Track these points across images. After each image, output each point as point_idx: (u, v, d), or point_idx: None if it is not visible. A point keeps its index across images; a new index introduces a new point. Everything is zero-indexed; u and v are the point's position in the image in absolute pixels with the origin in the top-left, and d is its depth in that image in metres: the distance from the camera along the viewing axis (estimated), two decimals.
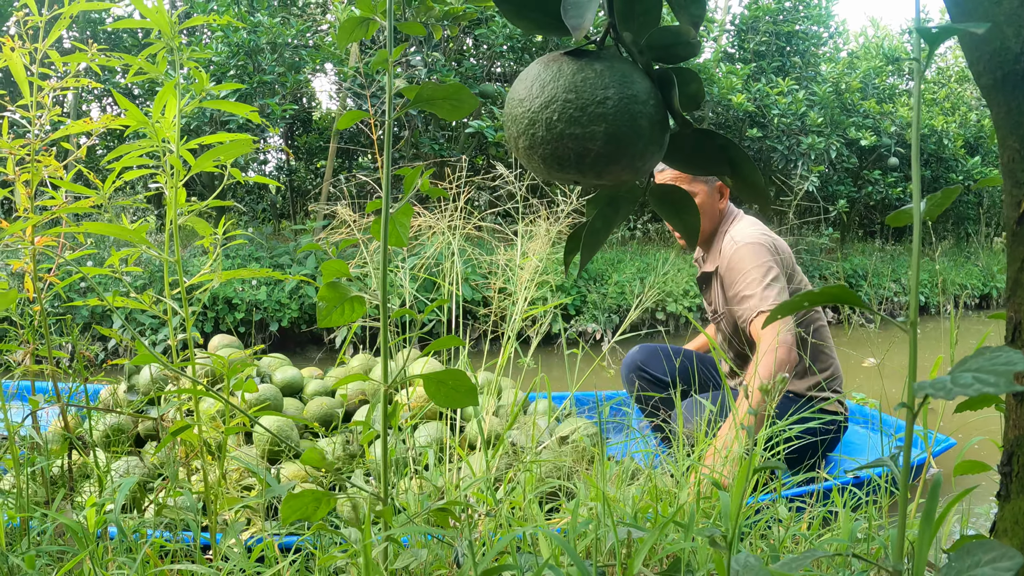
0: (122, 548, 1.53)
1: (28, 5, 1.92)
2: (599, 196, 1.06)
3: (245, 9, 8.16)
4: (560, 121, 0.88)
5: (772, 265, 2.94)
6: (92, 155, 9.10)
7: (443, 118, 1.18)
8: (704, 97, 0.98)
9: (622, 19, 0.92)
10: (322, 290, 1.21)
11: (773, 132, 10.79)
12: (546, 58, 0.91)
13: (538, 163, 0.93)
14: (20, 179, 1.92)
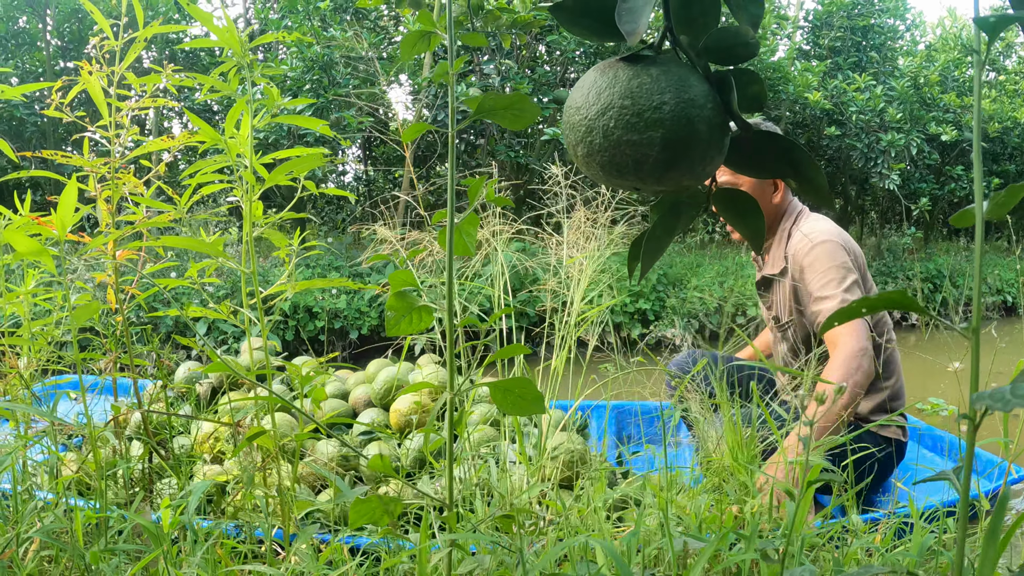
0: (196, 548, 1.57)
1: (105, 30, 1.99)
2: (661, 202, 1.06)
3: (318, 24, 8.30)
4: (617, 128, 0.87)
5: (851, 267, 2.70)
6: (173, 171, 9.34)
7: (506, 127, 1.19)
8: (766, 98, 0.96)
9: (679, 22, 0.91)
10: (390, 300, 1.23)
11: (851, 130, 10.56)
12: (602, 65, 0.92)
13: (597, 170, 0.93)
14: (102, 195, 1.99)
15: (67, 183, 1.76)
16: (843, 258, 2.71)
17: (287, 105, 1.81)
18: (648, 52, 0.91)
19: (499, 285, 2.43)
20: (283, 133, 7.78)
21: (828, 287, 2.68)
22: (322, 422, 1.50)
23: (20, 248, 1.71)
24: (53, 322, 2.26)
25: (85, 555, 1.51)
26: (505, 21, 7.31)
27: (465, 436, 2.19)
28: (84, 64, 1.99)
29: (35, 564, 1.60)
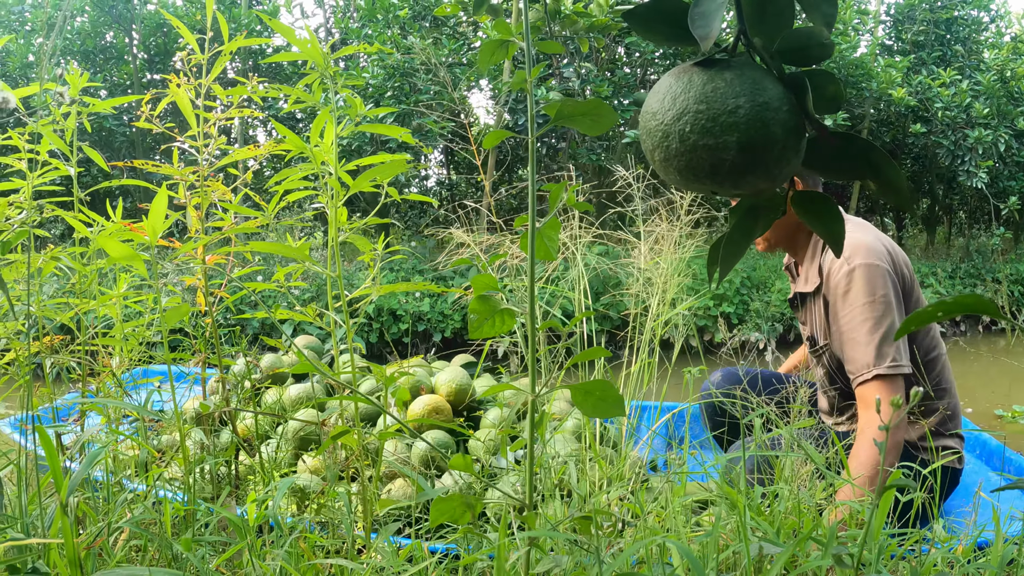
0: (279, 542, 1.62)
1: (192, 45, 2.06)
2: (739, 206, 1.06)
3: (397, 32, 8.40)
4: (693, 133, 0.88)
5: (891, 301, 2.37)
6: (259, 178, 9.53)
7: (584, 133, 1.20)
8: (844, 99, 0.96)
9: (752, 24, 0.91)
10: (473, 303, 1.25)
11: (937, 127, 10.24)
12: (677, 70, 0.92)
13: (674, 175, 0.94)
14: (191, 203, 2.06)
15: (156, 191, 1.83)
16: (882, 288, 2.38)
17: (370, 114, 1.86)
18: (722, 56, 0.92)
19: (580, 289, 2.44)
20: (366, 140, 7.90)
21: (860, 330, 2.38)
22: (408, 422, 1.53)
23: (113, 253, 1.78)
24: (144, 323, 2.35)
25: (173, 545, 1.57)
26: (582, 25, 7.32)
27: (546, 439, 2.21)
28: (172, 77, 2.06)
29: (124, 553, 1.66)
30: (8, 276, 2.18)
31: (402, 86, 7.92)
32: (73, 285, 2.36)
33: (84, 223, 2.18)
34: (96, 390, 2.34)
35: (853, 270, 2.39)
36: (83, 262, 2.32)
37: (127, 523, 1.61)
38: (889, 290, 2.38)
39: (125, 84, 10.54)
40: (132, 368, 2.41)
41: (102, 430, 2.13)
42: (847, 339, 2.41)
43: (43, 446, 1.44)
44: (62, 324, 2.37)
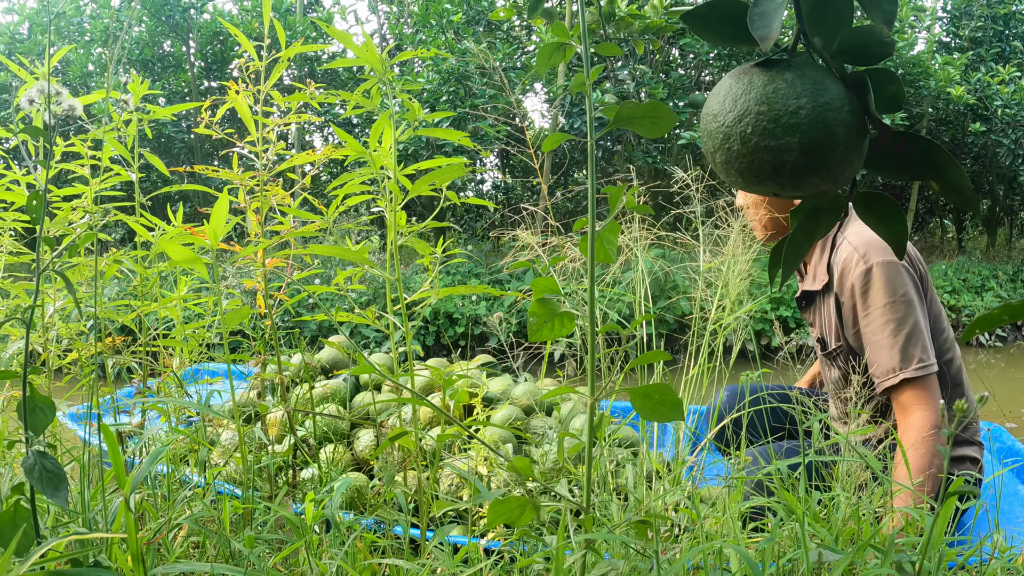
0: (336, 541, 1.63)
1: (250, 52, 2.08)
2: (800, 207, 1.04)
3: (452, 37, 8.44)
4: (754, 134, 0.87)
5: (912, 299, 2.27)
6: (317, 183, 9.63)
7: (643, 135, 1.20)
8: (904, 97, 0.94)
9: (811, 24, 0.90)
10: (533, 306, 1.25)
11: (997, 125, 9.99)
12: (737, 71, 0.92)
13: (736, 177, 0.94)
14: (251, 207, 2.09)
15: (215, 195, 1.86)
16: (902, 287, 2.27)
17: (427, 118, 1.87)
18: (782, 56, 0.91)
19: (640, 291, 2.43)
20: (422, 144, 7.95)
21: (883, 332, 2.28)
22: (465, 424, 1.53)
23: (175, 256, 1.81)
24: (205, 325, 2.38)
25: (231, 542, 1.59)
26: (637, 27, 7.30)
27: (604, 442, 2.20)
28: (231, 84, 2.09)
29: (183, 550, 1.69)
30: (72, 278, 2.23)
31: (457, 90, 7.95)
32: (135, 288, 2.41)
33: (146, 227, 2.22)
34: (156, 389, 2.38)
35: (870, 269, 2.29)
36: (144, 265, 2.36)
37: (186, 520, 1.64)
38: (909, 287, 2.28)
39: (183, 91, 10.72)
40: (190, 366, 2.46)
41: (162, 429, 2.17)
42: (869, 342, 2.32)
43: (107, 443, 1.47)
44: (123, 325, 2.42)
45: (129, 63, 10.44)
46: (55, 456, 1.53)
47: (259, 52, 2.16)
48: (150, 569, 1.34)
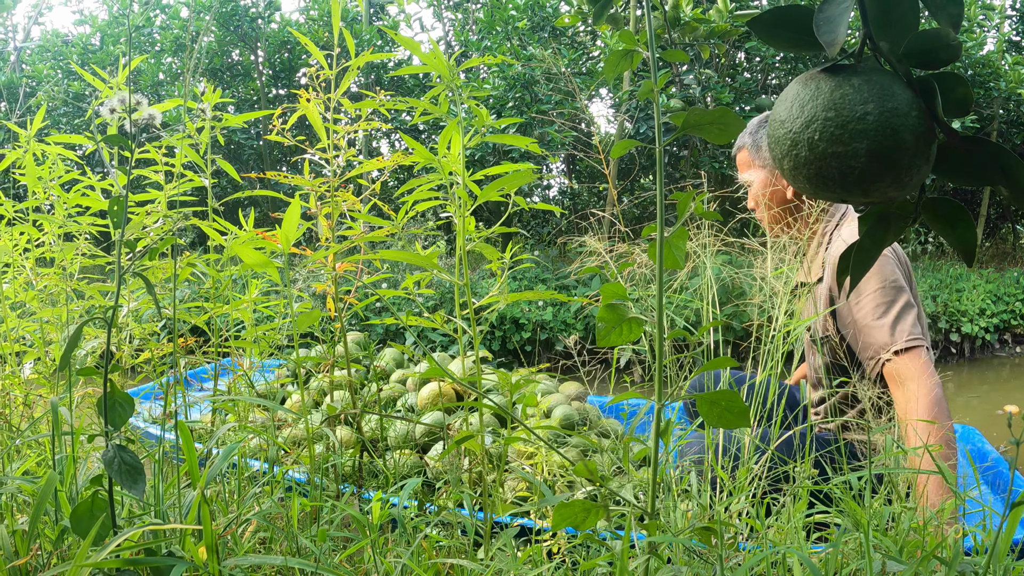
0: (402, 540, 1.66)
1: (320, 61, 2.13)
2: (868, 214, 1.04)
3: (517, 43, 8.47)
4: (822, 140, 0.88)
5: (901, 285, 2.35)
6: (384, 188, 9.73)
7: (711, 141, 1.20)
8: (972, 101, 0.94)
9: (878, 28, 0.90)
10: (601, 311, 1.26)
11: None
12: (804, 76, 0.92)
13: (804, 183, 0.94)
14: (322, 212, 2.13)
15: (286, 200, 1.90)
16: (892, 275, 2.35)
17: (495, 124, 1.89)
18: (849, 61, 0.91)
19: (708, 298, 2.42)
20: (488, 149, 7.99)
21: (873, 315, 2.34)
22: (535, 427, 1.55)
23: (248, 260, 1.85)
24: (276, 327, 2.43)
25: (298, 538, 1.62)
26: (702, 31, 7.27)
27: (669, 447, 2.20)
28: (302, 92, 2.14)
29: (251, 544, 1.73)
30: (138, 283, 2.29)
31: (523, 96, 7.98)
32: (207, 290, 2.47)
33: (218, 231, 2.27)
34: (227, 389, 2.44)
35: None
36: (217, 268, 2.42)
37: (255, 516, 1.68)
38: (899, 276, 2.36)
39: (252, 99, 10.91)
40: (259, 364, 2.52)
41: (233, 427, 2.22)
42: (862, 329, 2.36)
43: (182, 439, 1.51)
44: (195, 326, 2.48)
45: (198, 72, 10.66)
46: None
47: (328, 61, 2.20)
48: (220, 562, 1.37)
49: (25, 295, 2.72)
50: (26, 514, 1.78)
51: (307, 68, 2.22)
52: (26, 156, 2.57)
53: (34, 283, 2.69)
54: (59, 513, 1.62)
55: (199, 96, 2.29)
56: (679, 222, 1.26)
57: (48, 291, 2.76)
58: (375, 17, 11.50)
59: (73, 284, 2.58)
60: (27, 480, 1.73)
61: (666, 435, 1.35)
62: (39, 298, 2.73)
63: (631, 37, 1.18)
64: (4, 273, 2.65)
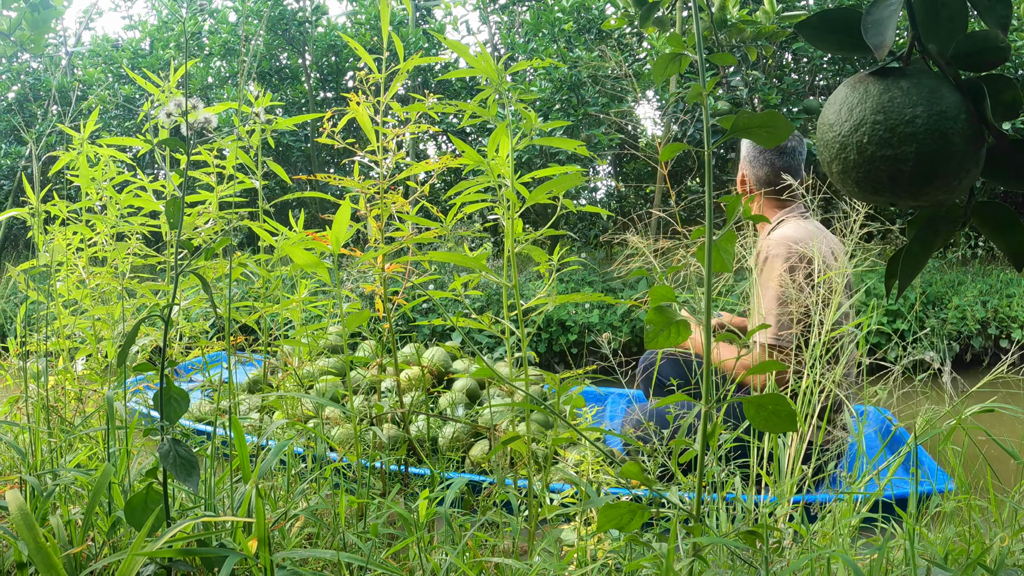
0: (447, 539, 1.67)
1: (369, 65, 2.15)
2: (917, 218, 1.04)
3: (564, 46, 8.46)
4: (871, 144, 0.87)
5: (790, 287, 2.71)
6: (432, 190, 9.77)
7: (760, 145, 1.20)
8: (1022, 104, 0.93)
9: (926, 30, 0.90)
10: (649, 314, 1.26)
11: None
12: (852, 79, 0.92)
13: (852, 187, 0.94)
14: (371, 214, 2.15)
15: (334, 202, 1.92)
16: (791, 277, 2.74)
17: (543, 127, 1.90)
18: (897, 64, 0.91)
19: (754, 302, 2.41)
20: (535, 152, 7.99)
21: (768, 306, 2.79)
22: (581, 428, 1.56)
23: (298, 260, 1.88)
24: (325, 327, 2.46)
25: (345, 535, 1.65)
26: (749, 33, 7.21)
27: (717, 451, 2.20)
28: (351, 95, 2.16)
29: (298, 540, 1.76)
30: (194, 280, 2.33)
31: (570, 99, 7.97)
32: (256, 290, 2.50)
33: (269, 232, 2.31)
34: (276, 387, 2.47)
35: (770, 258, 2.85)
36: (267, 268, 2.45)
37: (303, 512, 1.70)
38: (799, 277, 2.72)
39: (300, 102, 11.00)
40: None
41: (282, 426, 2.25)
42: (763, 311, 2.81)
43: (235, 435, 1.54)
44: (244, 325, 2.52)
45: (248, 75, 10.77)
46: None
47: (376, 64, 2.23)
48: (272, 554, 1.40)
49: (78, 293, 2.78)
50: (79, 505, 1.83)
51: (356, 72, 2.25)
52: (80, 158, 2.62)
53: (87, 281, 2.75)
54: (112, 505, 1.66)
55: (250, 100, 2.33)
56: (727, 225, 1.26)
57: (100, 289, 2.81)
58: (421, 20, 11.55)
59: (125, 283, 2.63)
60: (81, 472, 1.77)
61: (712, 439, 1.35)
62: (91, 296, 2.79)
63: (679, 40, 1.19)
64: (58, 272, 2.71)
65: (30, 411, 2.31)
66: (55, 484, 1.71)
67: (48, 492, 1.65)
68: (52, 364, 2.76)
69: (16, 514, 1.16)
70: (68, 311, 2.87)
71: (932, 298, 7.83)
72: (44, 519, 1.65)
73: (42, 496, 1.65)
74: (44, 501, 1.63)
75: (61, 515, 1.67)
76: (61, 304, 2.81)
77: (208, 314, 3.33)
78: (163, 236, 2.70)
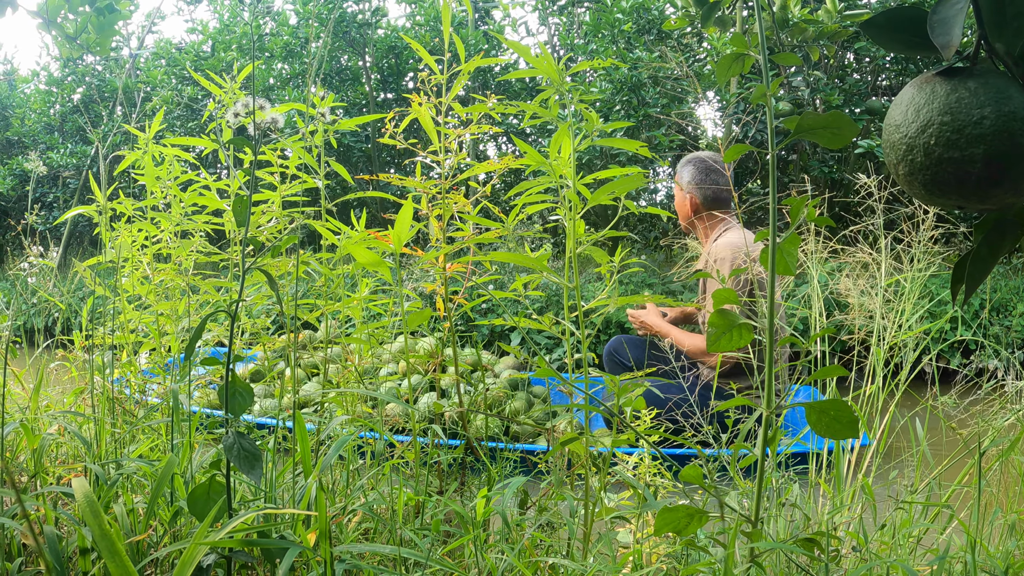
0: (503, 537, 1.68)
1: (431, 66, 2.17)
2: (984, 221, 1.02)
3: (623, 46, 8.43)
4: (938, 146, 0.87)
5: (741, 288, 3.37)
6: (492, 191, 9.79)
7: (824, 146, 1.19)
8: None
9: (992, 29, 0.88)
10: (712, 316, 1.26)
11: None
12: (919, 80, 0.91)
13: (919, 190, 0.93)
14: (433, 214, 2.17)
15: (395, 202, 1.94)
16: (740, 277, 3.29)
17: (604, 128, 1.90)
18: (964, 63, 0.90)
19: (816, 306, 2.39)
20: (595, 153, 7.98)
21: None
22: (641, 431, 1.56)
23: (361, 259, 1.91)
24: (386, 325, 2.49)
25: (404, 530, 1.66)
26: (811, 33, 7.13)
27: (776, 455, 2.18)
28: (413, 96, 2.18)
29: (355, 535, 1.78)
30: (260, 277, 2.36)
31: (630, 99, 7.94)
32: (318, 287, 2.54)
33: (331, 231, 2.34)
34: (336, 384, 2.50)
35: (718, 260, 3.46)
36: (329, 267, 2.49)
37: (361, 507, 1.72)
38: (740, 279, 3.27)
39: (360, 103, 11.10)
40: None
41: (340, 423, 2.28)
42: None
43: (297, 431, 1.56)
44: (305, 322, 2.55)
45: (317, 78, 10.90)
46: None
47: (438, 65, 2.25)
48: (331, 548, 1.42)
49: (142, 289, 2.85)
50: (140, 495, 1.87)
51: (417, 73, 2.27)
52: (145, 157, 2.68)
53: (151, 278, 2.81)
54: (173, 495, 1.70)
55: (315, 101, 2.36)
56: (791, 228, 1.25)
57: (164, 285, 2.87)
58: (480, 22, 11.59)
59: (188, 279, 2.69)
60: (144, 462, 1.81)
61: (773, 443, 1.34)
62: (155, 292, 2.85)
63: (743, 41, 1.18)
64: (123, 268, 2.77)
65: (95, 402, 2.37)
66: (118, 474, 1.75)
67: (112, 481, 1.69)
68: (116, 357, 2.83)
69: (82, 500, 1.19)
70: (132, 306, 2.93)
71: (996, 304, 7.67)
72: (107, 507, 1.69)
73: (106, 485, 1.69)
74: (108, 490, 1.67)
75: (124, 503, 1.71)
76: (126, 299, 2.87)
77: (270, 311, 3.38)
78: (226, 234, 2.75)
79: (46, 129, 13.47)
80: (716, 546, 1.58)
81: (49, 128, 13.50)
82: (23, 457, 2.25)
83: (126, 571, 1.15)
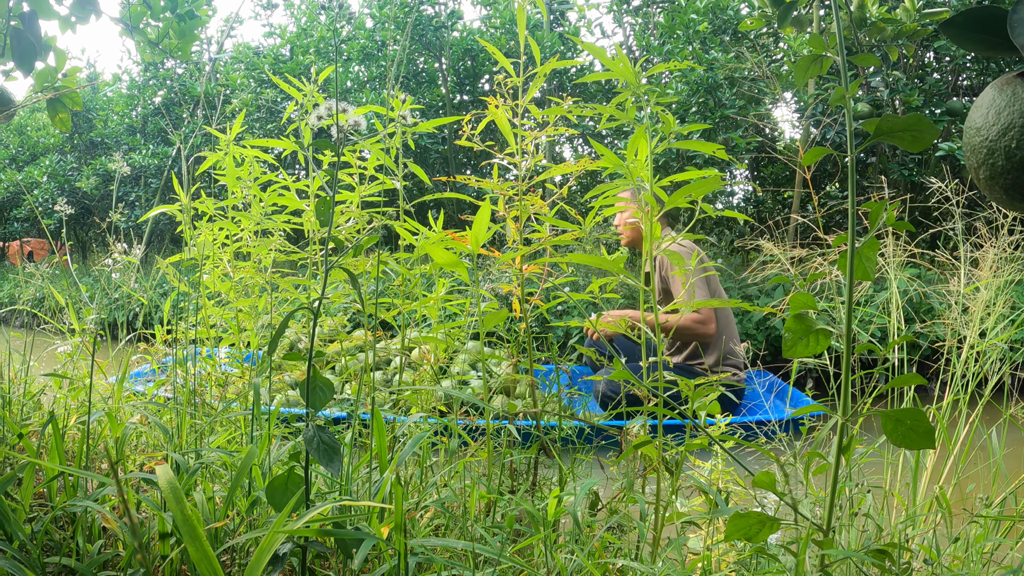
0: (574, 537, 1.69)
1: (507, 69, 2.19)
2: None
3: (699, 47, 8.36)
4: (1020, 149, 0.85)
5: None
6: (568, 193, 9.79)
7: (904, 149, 1.18)
8: None
9: None
10: (789, 321, 1.25)
11: None
12: (1000, 81, 0.90)
13: (1000, 194, 0.91)
14: (510, 215, 2.19)
15: (471, 203, 1.96)
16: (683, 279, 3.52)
17: (681, 131, 1.90)
18: None
19: (895, 314, 2.35)
20: (672, 155, 7.94)
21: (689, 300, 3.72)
22: (715, 436, 1.56)
23: (439, 259, 1.93)
24: (463, 325, 2.52)
25: (474, 527, 1.68)
26: (890, 32, 7.00)
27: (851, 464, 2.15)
28: (490, 99, 2.20)
29: (427, 531, 1.81)
30: (339, 276, 2.40)
31: (706, 101, 7.89)
32: (396, 286, 2.58)
33: (409, 231, 2.37)
34: (412, 381, 2.53)
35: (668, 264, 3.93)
36: (407, 266, 2.52)
37: (434, 503, 1.75)
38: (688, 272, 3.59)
39: (437, 105, 11.20)
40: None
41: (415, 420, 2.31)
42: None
43: (375, 426, 1.60)
44: (382, 320, 2.59)
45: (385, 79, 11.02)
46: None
47: (514, 68, 2.26)
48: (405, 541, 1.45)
49: (223, 286, 2.92)
50: (219, 484, 1.92)
51: (494, 75, 2.29)
52: (226, 158, 2.76)
53: (231, 275, 2.88)
54: (251, 485, 1.74)
55: (394, 104, 2.40)
56: (871, 232, 1.23)
57: (244, 283, 2.94)
58: (555, 24, 11.60)
59: (267, 277, 2.75)
60: (225, 452, 1.87)
61: (847, 452, 1.33)
62: (235, 289, 2.92)
63: (821, 42, 1.18)
64: (204, 265, 2.85)
65: (176, 394, 2.44)
66: (198, 463, 1.80)
67: (192, 470, 1.74)
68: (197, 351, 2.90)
69: (165, 487, 1.23)
70: (213, 302, 3.01)
71: None
72: (187, 494, 1.74)
73: (186, 473, 1.74)
74: (188, 478, 1.72)
75: (203, 492, 1.76)
76: (206, 296, 2.95)
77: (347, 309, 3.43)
78: (304, 233, 2.81)
79: (128, 131, 13.86)
80: (786, 554, 1.57)
81: (131, 130, 13.90)
82: (103, 445, 2.33)
83: (205, 555, 1.18)
